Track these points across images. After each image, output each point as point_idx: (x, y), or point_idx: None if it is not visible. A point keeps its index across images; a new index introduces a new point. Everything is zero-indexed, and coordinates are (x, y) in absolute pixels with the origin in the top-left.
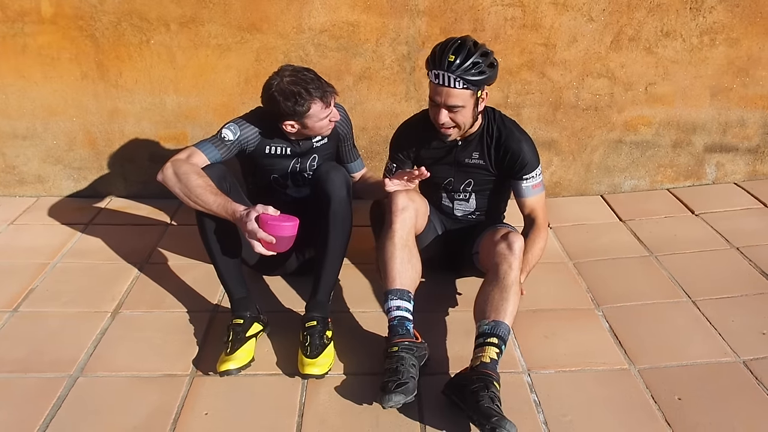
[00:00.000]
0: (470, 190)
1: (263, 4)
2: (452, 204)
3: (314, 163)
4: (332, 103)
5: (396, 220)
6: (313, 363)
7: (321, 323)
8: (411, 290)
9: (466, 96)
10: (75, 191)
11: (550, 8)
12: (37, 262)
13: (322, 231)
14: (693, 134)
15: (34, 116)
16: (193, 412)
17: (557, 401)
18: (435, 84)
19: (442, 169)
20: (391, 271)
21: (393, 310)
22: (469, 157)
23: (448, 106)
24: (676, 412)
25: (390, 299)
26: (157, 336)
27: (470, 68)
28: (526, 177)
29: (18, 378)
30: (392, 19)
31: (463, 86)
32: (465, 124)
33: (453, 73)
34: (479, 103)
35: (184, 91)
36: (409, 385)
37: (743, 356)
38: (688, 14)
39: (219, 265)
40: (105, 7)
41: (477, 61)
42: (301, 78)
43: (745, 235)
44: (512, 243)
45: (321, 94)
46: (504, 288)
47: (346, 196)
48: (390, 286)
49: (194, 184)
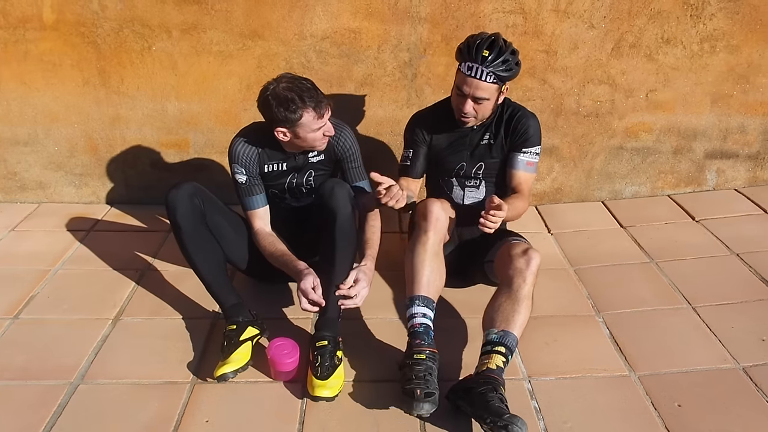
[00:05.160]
0: (481, 176)
1: (265, 11)
2: (463, 191)
3: (311, 178)
4: (326, 115)
5: (431, 228)
6: (324, 385)
7: (332, 343)
8: (435, 300)
9: (492, 90)
10: (76, 197)
11: (551, 15)
12: (39, 269)
13: (329, 247)
14: (693, 141)
15: (35, 122)
16: (194, 419)
17: (557, 408)
18: (466, 75)
19: (456, 155)
20: (421, 278)
21: (418, 316)
22: (481, 139)
23: (475, 98)
24: (675, 419)
25: (416, 305)
26: (158, 343)
27: (501, 64)
28: (525, 150)
29: (19, 385)
30: (394, 25)
31: (492, 80)
32: (485, 115)
33: (486, 67)
34: (500, 96)
35: (185, 97)
36: (436, 396)
37: (743, 363)
38: (688, 21)
39: (204, 277)
40: (107, 14)
41: (508, 58)
42: (297, 86)
43: (746, 242)
44: (531, 259)
45: (314, 104)
46: (516, 300)
47: (350, 212)
48: (417, 292)
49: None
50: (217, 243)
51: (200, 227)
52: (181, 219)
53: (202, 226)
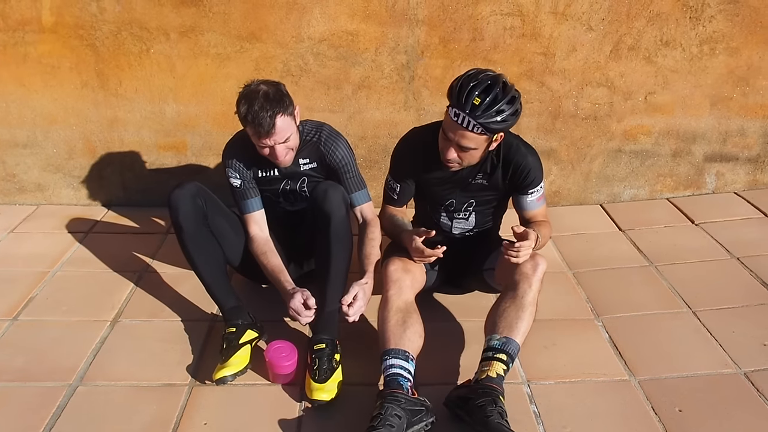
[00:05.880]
0: (472, 210)
1: (262, 14)
2: (451, 222)
3: (304, 185)
4: (267, 140)
5: (391, 288)
6: (322, 388)
7: (330, 346)
8: (409, 350)
9: (480, 140)
10: (75, 199)
11: (549, 18)
12: (37, 271)
13: (323, 251)
14: (693, 143)
15: (34, 125)
16: (192, 421)
17: (557, 412)
18: (452, 119)
19: (445, 191)
20: (385, 333)
21: (387, 369)
22: (473, 179)
23: (459, 146)
24: (676, 424)
25: (384, 360)
26: (157, 345)
27: (494, 115)
28: (531, 191)
29: (17, 387)
30: (391, 28)
31: (480, 132)
32: (472, 162)
33: (475, 118)
34: (491, 144)
35: (183, 99)
36: (381, 430)
37: (744, 368)
38: (687, 23)
39: (205, 279)
40: (105, 17)
41: (503, 108)
42: (255, 95)
43: (746, 245)
44: (537, 265)
45: (252, 120)
46: (521, 307)
47: (345, 214)
48: (383, 348)
49: (263, 268)
50: (218, 244)
51: (202, 228)
52: (183, 220)
53: (204, 227)
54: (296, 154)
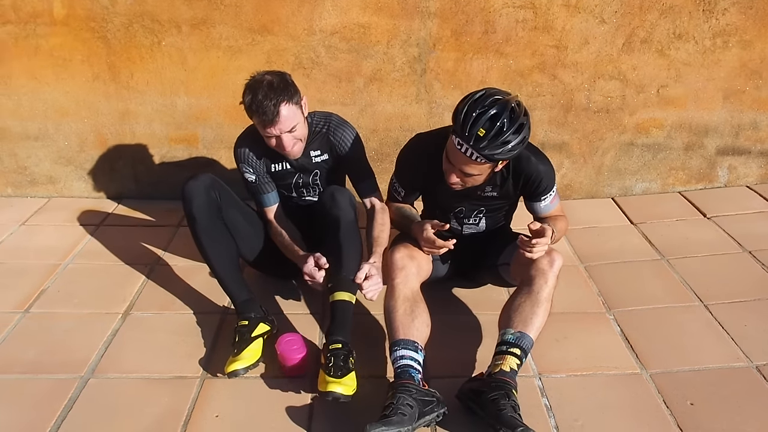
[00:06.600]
0: (482, 216)
1: (274, 6)
2: (461, 227)
3: (317, 178)
4: (272, 129)
5: (397, 276)
6: (338, 382)
7: (345, 347)
8: (418, 341)
9: (485, 168)
10: (86, 192)
11: (561, 10)
12: (49, 263)
13: (335, 254)
14: (705, 137)
15: (45, 117)
16: (204, 414)
17: (568, 405)
18: (455, 148)
19: (454, 200)
20: (393, 323)
21: (397, 360)
22: (482, 191)
23: (462, 172)
24: (688, 418)
25: (394, 350)
26: (168, 337)
27: (500, 146)
28: (543, 198)
29: (29, 379)
30: (403, 20)
31: (483, 162)
32: (476, 184)
33: (479, 150)
34: (497, 166)
35: (195, 92)
36: (393, 419)
37: (756, 361)
38: (700, 16)
39: (218, 271)
40: (117, 9)
41: (508, 140)
42: (257, 85)
43: (758, 239)
44: (554, 260)
45: (257, 109)
46: (536, 302)
47: (353, 217)
48: (393, 338)
49: (280, 246)
50: (232, 237)
51: (216, 220)
52: (197, 211)
53: (217, 220)
54: (307, 147)
